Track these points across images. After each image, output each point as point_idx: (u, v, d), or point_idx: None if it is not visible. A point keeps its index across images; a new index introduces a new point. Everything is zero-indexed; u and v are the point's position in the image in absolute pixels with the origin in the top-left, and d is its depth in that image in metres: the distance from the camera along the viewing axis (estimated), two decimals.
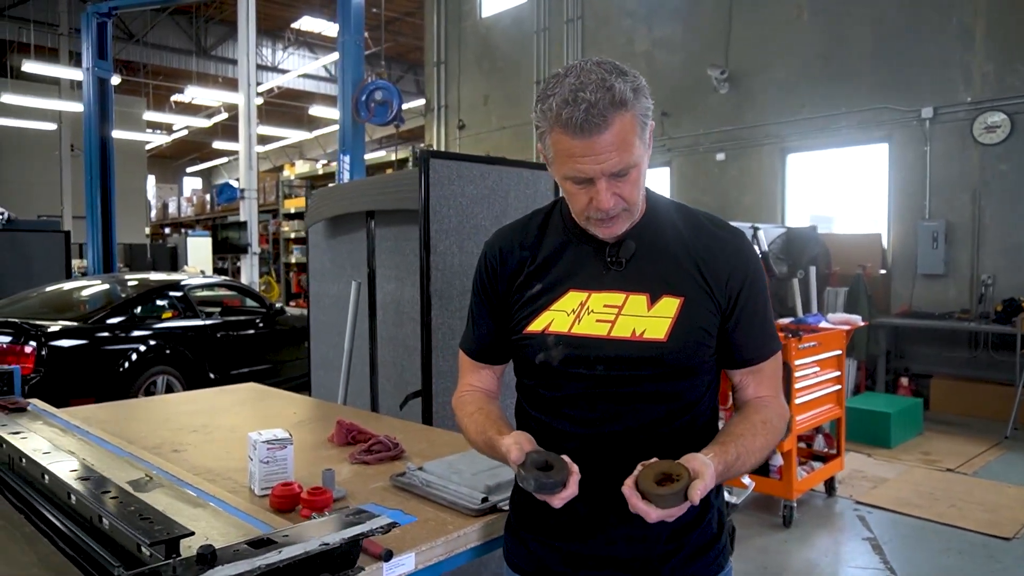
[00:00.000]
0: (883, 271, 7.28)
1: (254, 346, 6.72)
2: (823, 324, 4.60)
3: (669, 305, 1.17)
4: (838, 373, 4.42)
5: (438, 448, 1.92)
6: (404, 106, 8.35)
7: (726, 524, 1.26)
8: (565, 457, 1.09)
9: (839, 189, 8.13)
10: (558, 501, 1.07)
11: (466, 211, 2.74)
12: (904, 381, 6.83)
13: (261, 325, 6.85)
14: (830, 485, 4.49)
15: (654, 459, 1.06)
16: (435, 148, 12.48)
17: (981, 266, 6.74)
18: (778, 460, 4.02)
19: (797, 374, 4.00)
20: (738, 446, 1.13)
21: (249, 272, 10.13)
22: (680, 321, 1.16)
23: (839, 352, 4.42)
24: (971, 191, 6.77)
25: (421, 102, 13.88)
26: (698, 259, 1.20)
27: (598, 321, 1.18)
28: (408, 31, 17.15)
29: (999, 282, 6.58)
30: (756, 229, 5.92)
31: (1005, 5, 6.55)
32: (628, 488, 1.03)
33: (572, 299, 1.20)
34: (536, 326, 1.21)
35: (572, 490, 1.07)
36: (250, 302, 7.35)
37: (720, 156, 8.74)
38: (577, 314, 1.19)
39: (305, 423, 2.30)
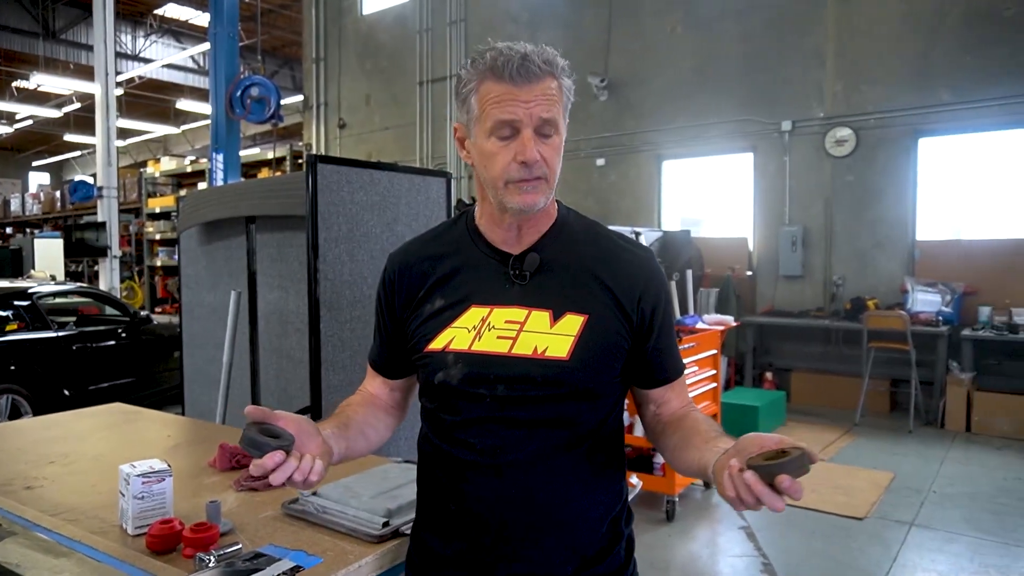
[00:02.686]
0: (749, 273, 7.78)
1: (116, 358, 6.20)
2: (700, 325, 4.84)
3: (572, 323, 1.13)
4: (714, 372, 4.67)
5: (333, 469, 1.82)
6: (281, 102, 8.00)
7: (634, 551, 1.24)
8: (313, 455, 1.04)
9: (709, 194, 8.62)
10: (255, 468, 0.99)
11: (356, 218, 2.64)
12: (769, 376, 7.34)
13: (124, 335, 6.33)
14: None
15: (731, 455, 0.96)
16: (315, 147, 12.04)
17: (833, 268, 7.37)
18: (661, 457, 4.18)
19: None
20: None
21: (109, 277, 9.36)
22: (583, 339, 1.12)
23: (715, 352, 4.67)
24: (824, 199, 7.38)
25: (298, 98, 13.34)
26: (606, 277, 1.16)
27: (499, 338, 1.13)
28: (283, 24, 16.46)
29: (848, 283, 7.22)
30: (637, 234, 6.14)
31: (852, 30, 7.19)
32: (748, 473, 0.90)
33: (474, 315, 1.16)
34: (437, 344, 1.16)
35: (268, 464, 0.97)
36: (111, 310, 6.78)
37: (600, 161, 9.02)
38: (478, 331, 1.14)
39: (181, 447, 2.13)
